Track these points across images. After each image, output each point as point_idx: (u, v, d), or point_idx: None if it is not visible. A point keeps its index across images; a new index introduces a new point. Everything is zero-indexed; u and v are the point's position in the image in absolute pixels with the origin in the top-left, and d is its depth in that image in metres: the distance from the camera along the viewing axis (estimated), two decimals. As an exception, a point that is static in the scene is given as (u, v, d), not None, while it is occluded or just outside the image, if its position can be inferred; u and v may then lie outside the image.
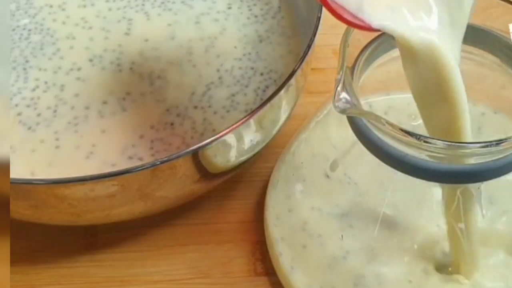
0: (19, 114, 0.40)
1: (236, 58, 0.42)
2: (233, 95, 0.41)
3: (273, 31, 0.44)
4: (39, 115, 0.40)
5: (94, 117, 0.40)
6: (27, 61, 0.42)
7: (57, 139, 0.39)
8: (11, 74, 0.41)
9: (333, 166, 0.36)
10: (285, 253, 0.37)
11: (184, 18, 0.44)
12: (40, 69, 0.42)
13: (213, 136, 0.34)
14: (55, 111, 0.40)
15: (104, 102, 0.40)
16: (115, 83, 0.41)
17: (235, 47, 0.43)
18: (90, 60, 0.42)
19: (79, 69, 0.42)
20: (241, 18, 0.45)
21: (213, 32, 0.44)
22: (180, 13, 0.45)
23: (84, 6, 0.45)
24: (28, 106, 0.40)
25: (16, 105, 0.40)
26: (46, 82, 0.41)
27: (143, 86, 0.41)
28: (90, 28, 0.44)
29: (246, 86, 0.41)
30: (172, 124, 0.39)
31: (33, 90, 0.41)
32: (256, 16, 0.45)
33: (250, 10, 0.45)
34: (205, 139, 0.33)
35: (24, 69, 0.42)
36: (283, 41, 0.43)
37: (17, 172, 0.37)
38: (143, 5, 0.45)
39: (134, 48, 0.43)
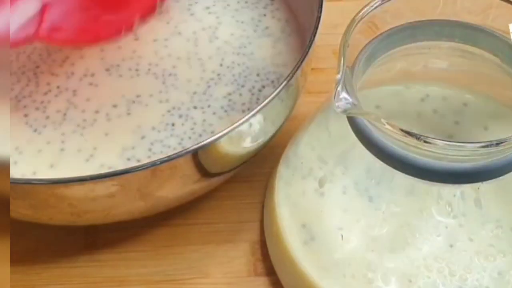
0: (26, 115, 0.40)
1: (234, 53, 0.42)
2: (229, 94, 0.41)
3: (270, 25, 0.44)
4: (47, 117, 0.40)
5: (102, 120, 0.40)
6: (37, 67, 0.42)
7: (63, 142, 0.39)
8: (20, 78, 0.41)
9: (322, 182, 0.36)
10: (286, 252, 0.37)
11: (176, 13, 0.45)
12: (52, 74, 0.42)
13: (212, 135, 0.34)
14: (65, 114, 0.40)
15: (114, 106, 0.40)
16: (128, 87, 0.41)
17: (232, 34, 0.43)
18: (107, 70, 0.42)
19: (92, 75, 0.42)
20: (231, 3, 0.45)
21: (210, 21, 0.44)
22: (170, 9, 0.45)
23: None
24: (37, 108, 0.40)
25: (25, 107, 0.40)
26: (58, 87, 0.41)
27: (156, 86, 0.41)
28: None
29: (242, 86, 0.41)
30: (173, 124, 0.39)
31: (45, 94, 0.41)
32: (246, 2, 0.45)
33: None
34: (203, 140, 0.33)
35: (35, 74, 0.42)
36: (282, 37, 0.43)
37: (20, 171, 0.37)
38: None
39: (148, 50, 0.43)
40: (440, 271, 0.34)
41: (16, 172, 0.37)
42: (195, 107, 0.40)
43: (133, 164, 0.37)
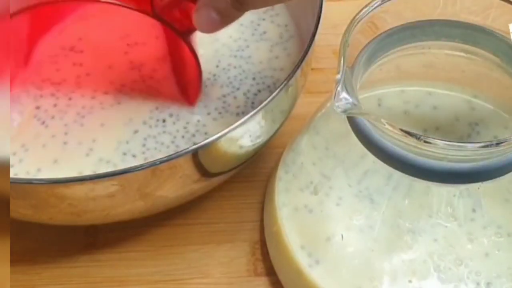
0: (37, 107, 0.40)
1: (231, 55, 0.42)
2: (224, 96, 0.41)
3: (268, 29, 0.44)
4: (55, 105, 0.40)
5: (98, 108, 0.40)
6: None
7: (65, 133, 0.39)
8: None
9: (316, 190, 0.36)
10: (286, 252, 0.37)
11: None
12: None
13: (211, 136, 0.34)
14: (70, 99, 0.40)
15: (105, 93, 0.40)
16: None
17: (230, 36, 0.43)
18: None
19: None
20: None
21: None
22: None
23: None
24: (52, 94, 0.40)
25: (41, 96, 0.40)
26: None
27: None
28: None
29: (238, 89, 0.41)
30: (164, 121, 0.39)
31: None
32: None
33: None
34: (197, 141, 0.33)
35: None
36: (280, 42, 0.43)
37: (25, 169, 0.38)
38: None
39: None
40: (440, 270, 0.34)
41: (21, 169, 0.37)
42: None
43: (129, 158, 0.38)
